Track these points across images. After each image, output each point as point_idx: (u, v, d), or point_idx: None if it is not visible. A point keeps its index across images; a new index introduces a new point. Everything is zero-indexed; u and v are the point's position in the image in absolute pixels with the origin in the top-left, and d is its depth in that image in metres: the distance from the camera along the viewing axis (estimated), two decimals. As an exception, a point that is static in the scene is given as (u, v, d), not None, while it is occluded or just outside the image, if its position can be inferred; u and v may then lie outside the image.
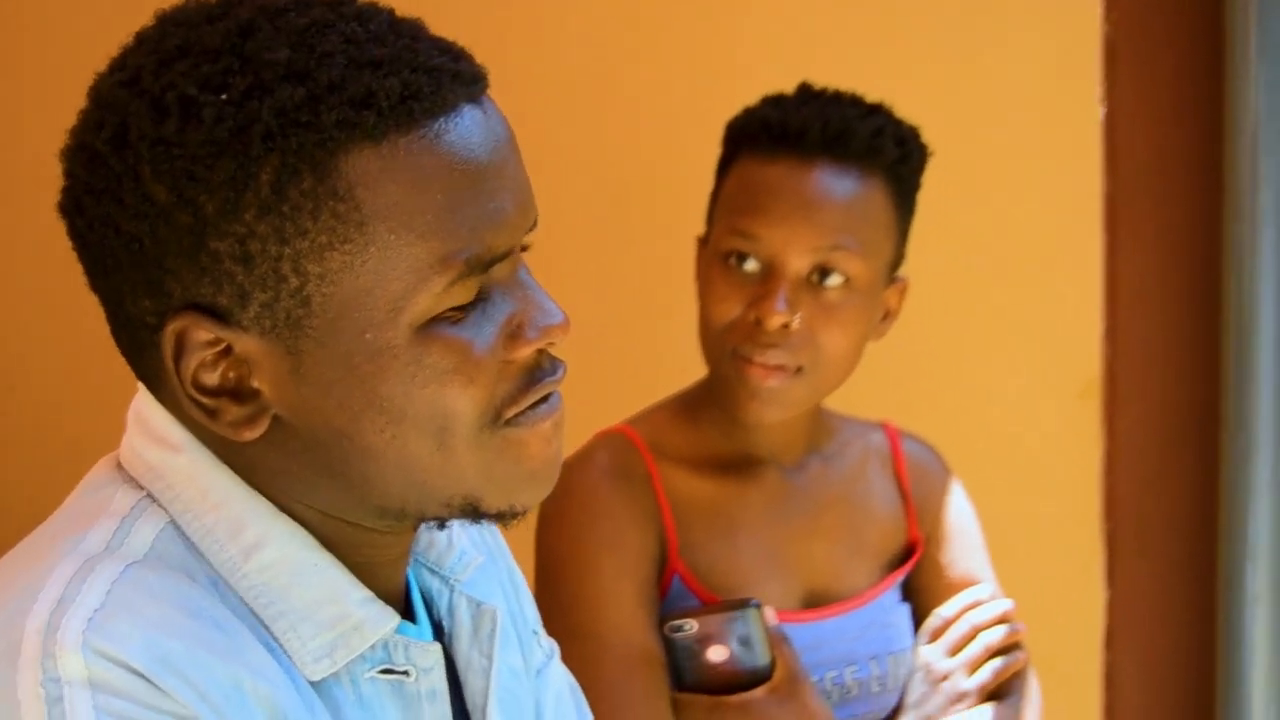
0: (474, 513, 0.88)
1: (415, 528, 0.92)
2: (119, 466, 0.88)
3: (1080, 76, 2.04)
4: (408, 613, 0.95)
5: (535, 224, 0.88)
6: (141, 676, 0.75)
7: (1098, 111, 2.04)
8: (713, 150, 1.50)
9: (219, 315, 0.81)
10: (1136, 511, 2.11)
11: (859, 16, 2.11)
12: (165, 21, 0.83)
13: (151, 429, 0.86)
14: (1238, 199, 1.92)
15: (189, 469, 0.85)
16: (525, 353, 0.85)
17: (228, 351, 0.82)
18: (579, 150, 2.20)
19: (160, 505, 0.85)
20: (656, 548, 1.41)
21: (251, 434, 0.83)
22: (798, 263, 1.37)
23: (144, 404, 0.88)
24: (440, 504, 0.87)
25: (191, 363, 0.81)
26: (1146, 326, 2.07)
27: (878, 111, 1.44)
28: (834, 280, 1.38)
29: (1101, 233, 2.06)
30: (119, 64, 0.83)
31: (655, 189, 2.16)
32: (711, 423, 1.46)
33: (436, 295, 0.81)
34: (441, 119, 0.81)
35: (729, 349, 1.39)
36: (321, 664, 0.84)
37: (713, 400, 1.44)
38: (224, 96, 0.78)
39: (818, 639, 1.43)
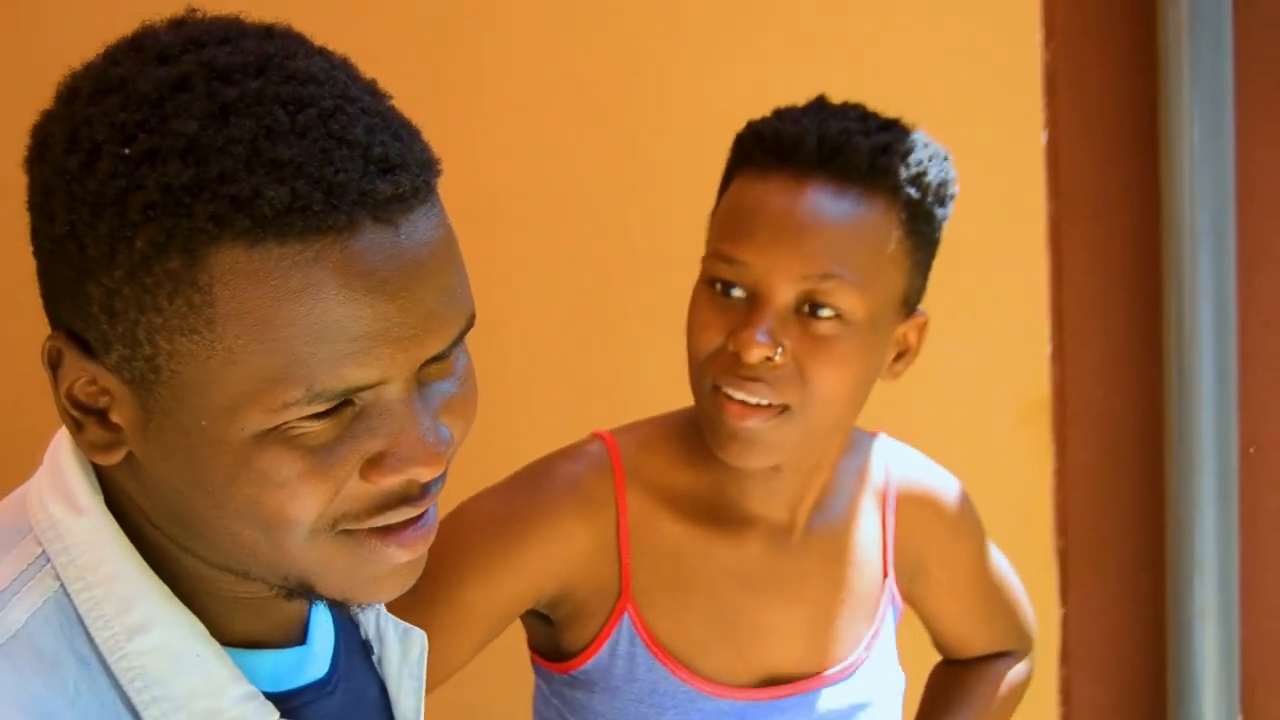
0: (314, 594, 0.86)
1: None
2: (24, 513, 0.86)
3: (1023, 103, 2.08)
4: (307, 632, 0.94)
5: (461, 334, 0.83)
6: None
7: (1040, 137, 2.08)
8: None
9: (89, 348, 0.80)
10: (1088, 529, 2.15)
11: (798, 47, 2.15)
12: (131, 43, 0.81)
13: (62, 483, 0.86)
14: (1175, 219, 1.96)
15: (88, 536, 0.84)
16: (382, 483, 0.81)
17: (93, 383, 0.81)
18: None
19: (54, 567, 0.83)
20: (550, 587, 1.30)
21: (107, 459, 0.82)
22: (784, 292, 1.22)
23: (62, 453, 0.87)
24: (278, 579, 0.85)
25: (67, 377, 0.81)
26: (1092, 345, 2.10)
27: (891, 128, 1.28)
28: (826, 313, 1.22)
29: (1047, 254, 2.10)
30: (81, 73, 0.82)
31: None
32: (701, 458, 1.32)
33: (272, 411, 0.77)
34: (330, 237, 0.76)
35: (709, 382, 1.25)
36: None
37: (699, 431, 1.30)
38: (126, 151, 0.76)
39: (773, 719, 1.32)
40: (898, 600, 1.44)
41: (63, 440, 0.87)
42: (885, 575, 1.42)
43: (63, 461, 0.86)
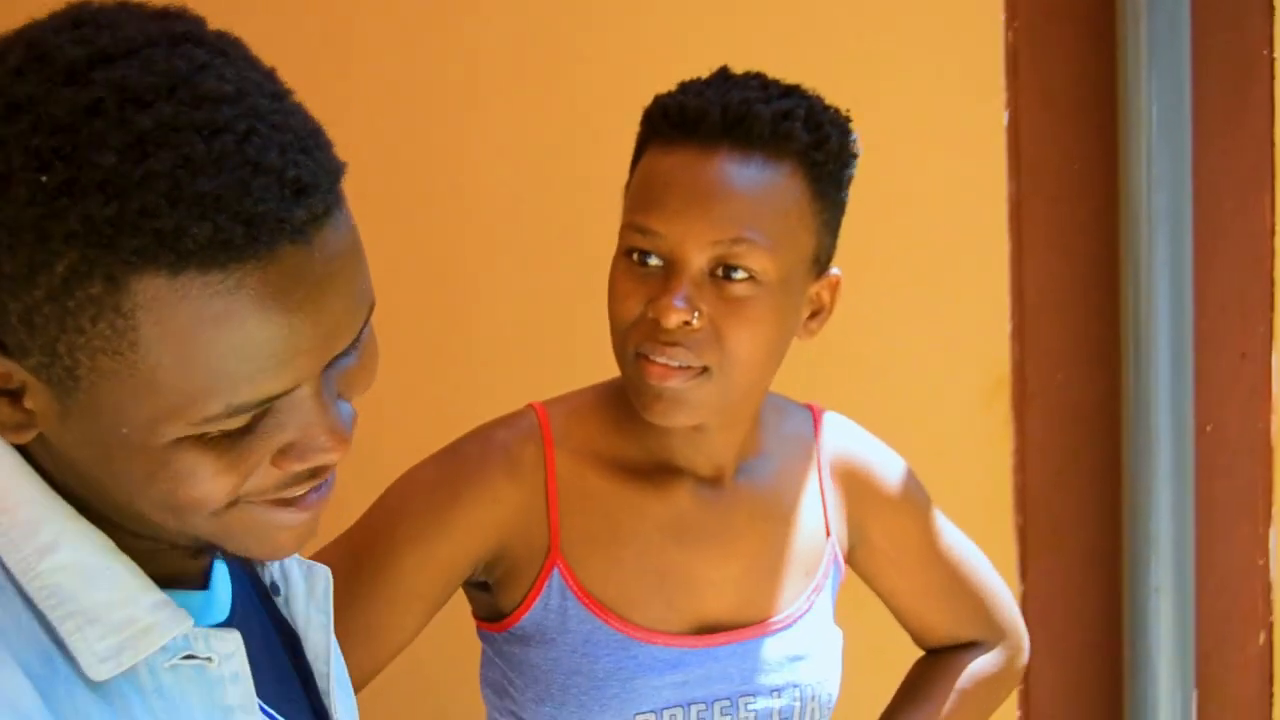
0: (220, 553, 0.92)
1: None
2: None
3: (984, 83, 2.09)
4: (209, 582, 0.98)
5: (364, 325, 0.86)
6: None
7: (1002, 117, 2.09)
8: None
9: (3, 346, 0.81)
10: (1046, 506, 2.17)
11: (765, 23, 2.16)
12: (31, 50, 0.80)
13: None
14: (1134, 201, 1.97)
15: None
16: (291, 469, 0.86)
17: (10, 374, 0.83)
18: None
19: None
20: (483, 550, 1.35)
21: (18, 439, 0.85)
22: (698, 258, 1.27)
23: None
24: (187, 541, 0.90)
25: None
26: (1051, 325, 2.12)
27: (790, 94, 1.32)
28: (739, 275, 1.27)
29: (1007, 234, 2.12)
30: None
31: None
32: (630, 422, 1.38)
33: (193, 424, 0.81)
34: (250, 265, 0.78)
35: (631, 349, 1.30)
36: (106, 665, 0.86)
37: (625, 393, 1.36)
38: (43, 179, 0.76)
39: (707, 667, 1.37)
40: (840, 562, 1.48)
41: None
42: (828, 535, 1.46)
43: None
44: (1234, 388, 2.08)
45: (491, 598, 1.40)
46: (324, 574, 1.06)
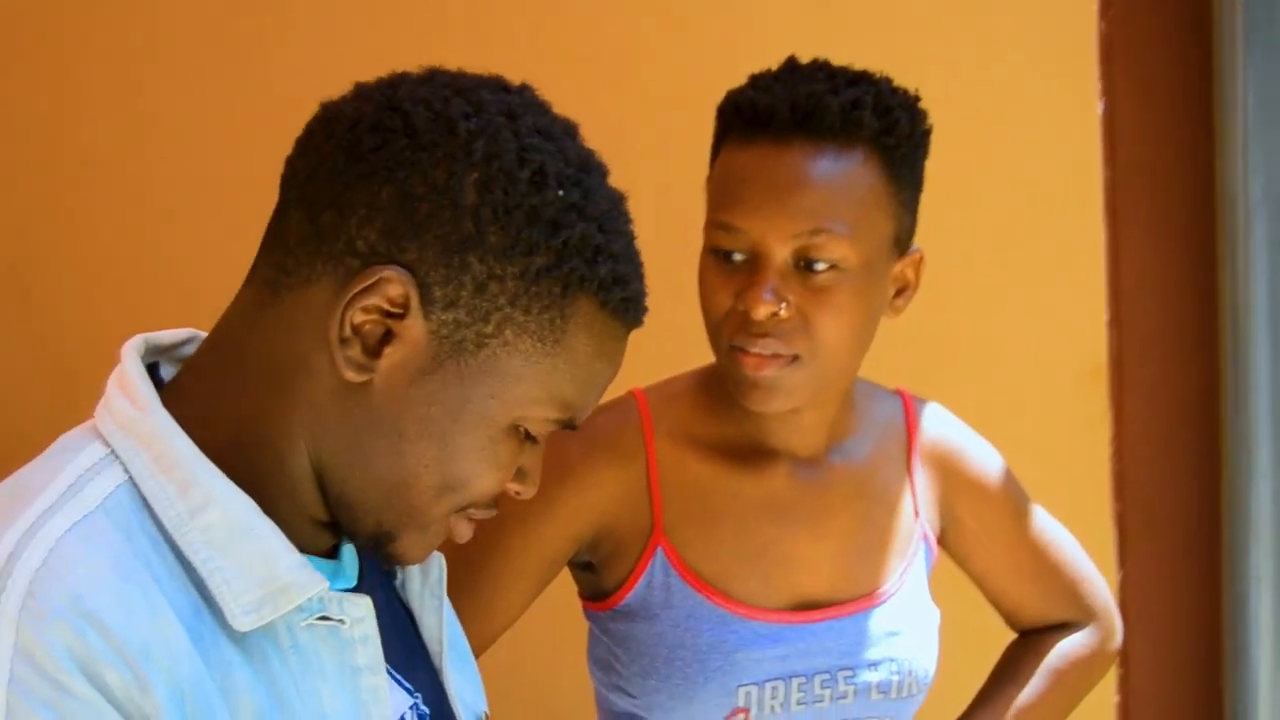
0: (378, 547, 1.01)
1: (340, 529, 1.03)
2: (92, 429, 0.97)
3: (1079, 73, 2.10)
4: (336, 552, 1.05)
5: None
6: (66, 648, 0.84)
7: (1097, 106, 2.10)
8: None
9: (423, 296, 0.94)
10: (1144, 494, 2.17)
11: (860, 14, 2.18)
12: (534, 120, 0.98)
13: (128, 385, 0.96)
14: (1231, 187, 1.97)
15: (151, 428, 0.94)
16: (510, 488, 1.02)
17: (393, 317, 0.94)
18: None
19: (120, 464, 0.94)
20: (587, 531, 1.41)
21: (353, 378, 0.94)
22: (780, 251, 1.31)
23: (128, 365, 0.98)
24: (373, 524, 0.99)
25: (367, 299, 0.93)
26: (1149, 312, 2.13)
27: (858, 82, 1.35)
28: (821, 265, 1.31)
29: (1103, 222, 2.13)
30: (522, 100, 0.99)
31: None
32: (726, 406, 1.42)
33: (541, 420, 0.99)
34: (627, 327, 1.01)
35: (725, 343, 1.35)
36: (249, 617, 0.93)
37: (723, 382, 1.40)
38: (563, 194, 0.96)
39: (807, 642, 1.41)
40: (931, 542, 1.52)
41: (128, 354, 0.98)
42: (917, 516, 1.50)
43: (129, 369, 0.97)
44: (1334, 374, 2.07)
45: (596, 577, 1.45)
46: (438, 560, 1.12)
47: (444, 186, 0.93)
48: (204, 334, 1.04)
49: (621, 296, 0.98)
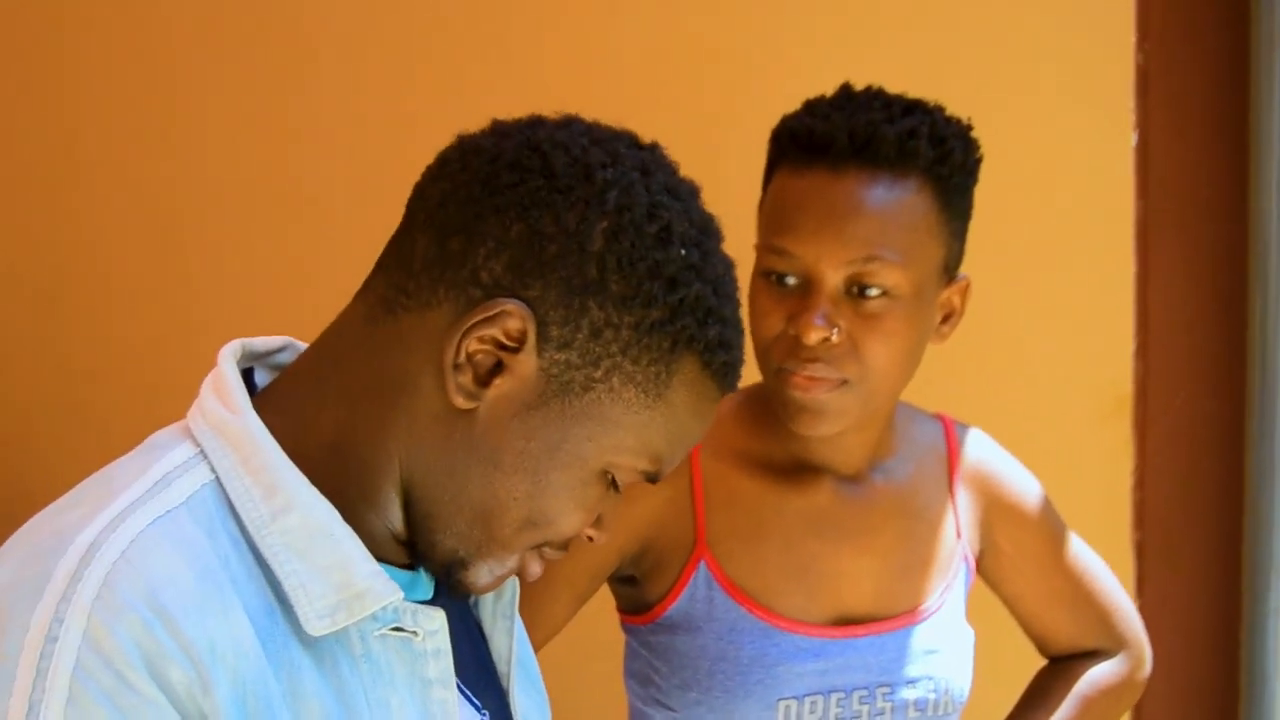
0: (449, 572, 1.01)
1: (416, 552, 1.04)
2: (184, 429, 0.99)
3: (1114, 104, 2.12)
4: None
5: None
6: (134, 644, 0.85)
7: (1130, 138, 2.11)
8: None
9: (540, 334, 0.95)
10: (1165, 523, 2.18)
11: (894, 43, 2.20)
12: (663, 183, 1.00)
13: (222, 388, 0.98)
14: (1263, 223, 1.99)
15: (241, 431, 0.95)
16: (585, 533, 1.03)
17: (506, 350, 0.95)
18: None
19: (208, 463, 0.95)
20: (630, 545, 1.41)
21: (461, 404, 0.96)
22: (833, 277, 1.33)
23: (224, 368, 0.99)
24: (450, 549, 1.00)
25: (485, 329, 0.95)
26: (1176, 345, 2.14)
27: (913, 111, 1.37)
28: (873, 292, 1.33)
29: (1134, 254, 2.14)
30: (654, 158, 1.01)
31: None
32: (770, 424, 1.43)
33: (630, 469, 1.00)
34: (723, 390, 1.02)
35: (774, 365, 1.36)
36: (323, 621, 0.94)
37: (770, 403, 1.41)
38: (684, 254, 0.98)
39: (847, 657, 1.42)
40: (971, 563, 1.53)
41: (225, 358, 1.00)
42: (959, 537, 1.51)
43: (225, 373, 0.98)
44: (1358, 412, 2.08)
45: (637, 590, 1.46)
46: (511, 583, 1.12)
47: (574, 230, 0.95)
48: (300, 343, 1.06)
49: (724, 360, 1.00)
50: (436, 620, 1.00)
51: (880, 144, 1.33)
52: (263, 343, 1.04)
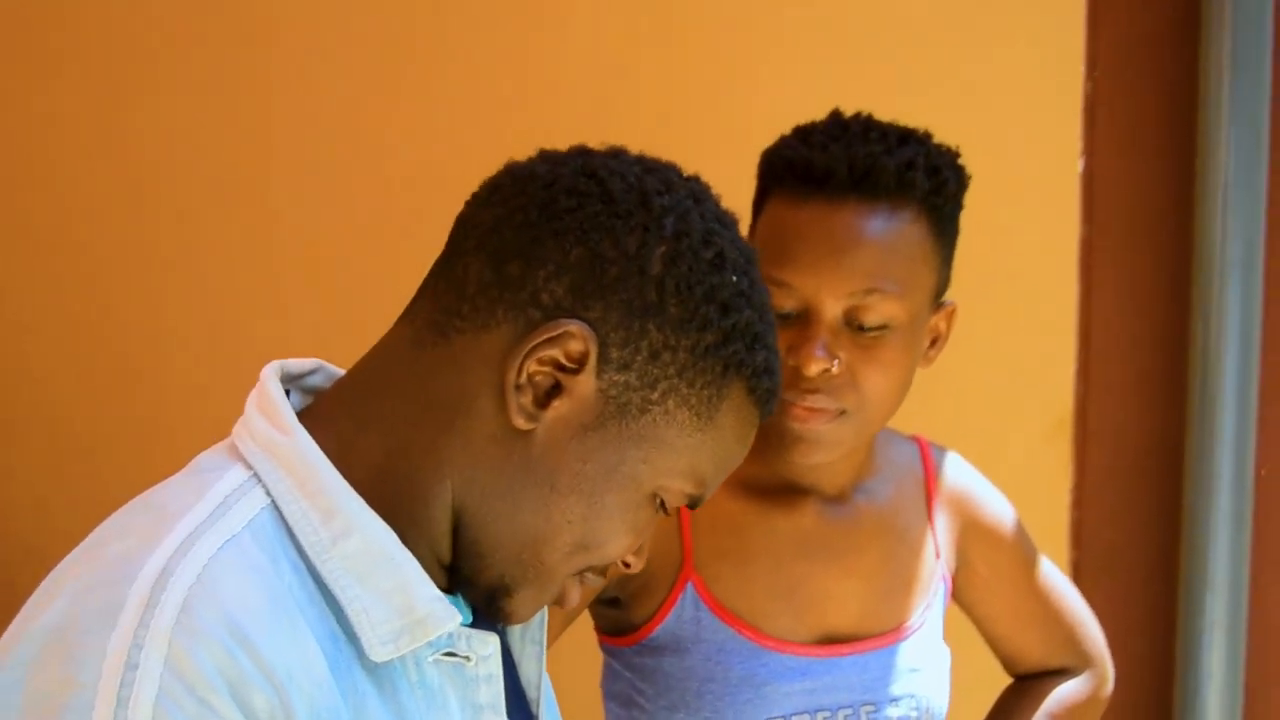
0: (492, 600, 1.01)
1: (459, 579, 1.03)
2: (231, 450, 0.97)
3: (1062, 131, 2.16)
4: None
5: None
6: (216, 667, 0.84)
7: (1077, 164, 2.16)
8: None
9: (600, 355, 0.96)
10: (1102, 542, 2.23)
11: (843, 68, 2.22)
12: (716, 205, 1.03)
13: (270, 409, 0.97)
14: (1208, 250, 2.04)
15: (296, 454, 0.94)
16: (624, 559, 1.03)
17: (565, 371, 0.95)
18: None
19: (263, 486, 0.94)
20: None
21: (522, 425, 0.95)
22: (833, 309, 1.32)
23: (271, 389, 0.98)
24: (496, 575, 0.99)
25: (546, 351, 0.95)
26: (1117, 366, 2.18)
27: (908, 142, 1.38)
28: (872, 322, 1.33)
29: (1077, 277, 2.18)
30: (700, 187, 1.03)
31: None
32: (756, 446, 1.38)
33: (678, 492, 1.01)
34: (762, 415, 1.04)
35: None
36: (386, 647, 0.93)
37: (762, 429, 1.42)
38: (735, 280, 0.99)
39: (833, 676, 1.43)
40: (948, 583, 1.55)
41: (270, 379, 0.98)
42: (938, 557, 1.53)
43: (273, 393, 0.97)
44: (1289, 433, 2.14)
45: (622, 612, 1.45)
46: (541, 612, 1.11)
47: (634, 254, 0.96)
48: (331, 365, 1.05)
49: (768, 386, 1.02)
50: (490, 645, 1.00)
51: (880, 175, 1.33)
52: (296, 364, 1.04)
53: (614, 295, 0.95)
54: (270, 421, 0.96)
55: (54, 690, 0.81)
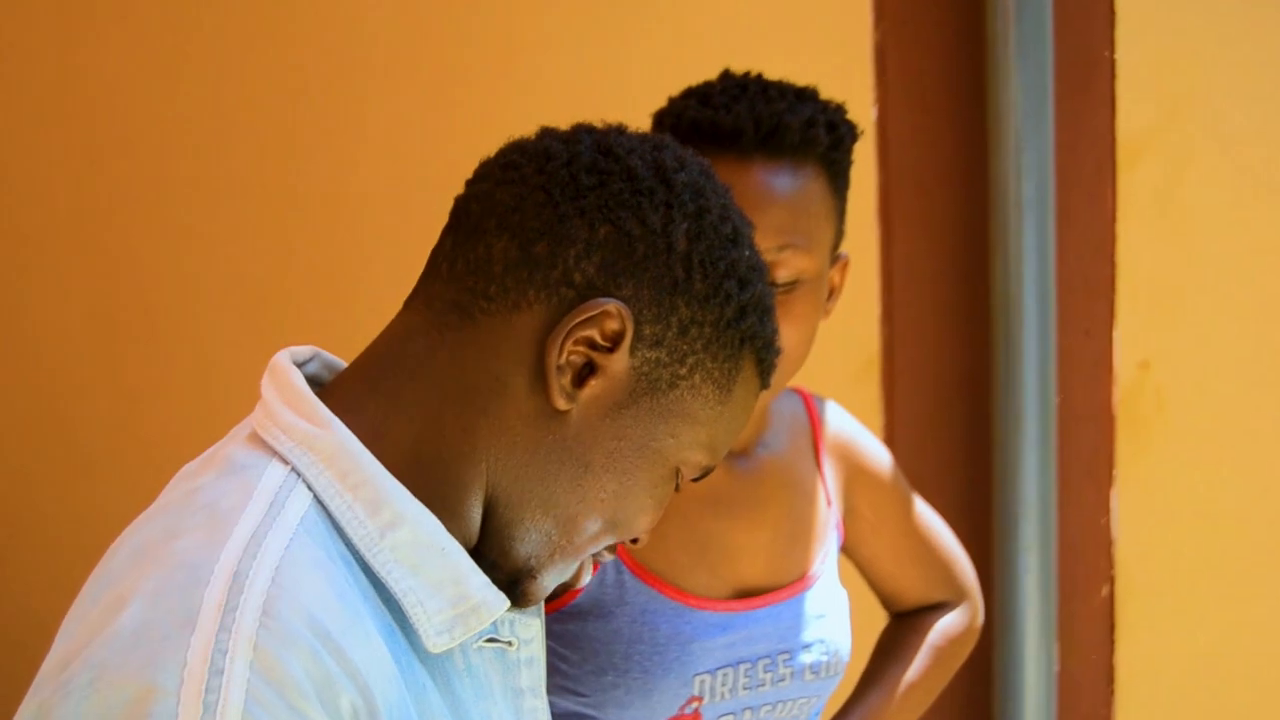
0: (515, 582, 0.99)
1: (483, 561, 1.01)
2: (256, 441, 0.93)
3: (854, 79, 2.21)
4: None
5: None
6: (301, 665, 0.81)
7: (870, 112, 2.22)
8: None
9: (635, 332, 0.96)
10: (914, 476, 2.30)
11: (649, 25, 2.23)
12: (727, 195, 1.05)
13: (296, 400, 0.93)
14: (1003, 189, 2.12)
15: (335, 446, 0.91)
16: (644, 529, 1.04)
17: (599, 350, 0.94)
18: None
19: (304, 481, 0.90)
20: None
21: (562, 406, 0.94)
22: None
23: (294, 380, 0.94)
24: (524, 557, 0.98)
25: (583, 331, 0.93)
26: (921, 307, 2.26)
27: (805, 99, 1.40)
28: (784, 278, 1.35)
29: (877, 222, 2.25)
30: (707, 166, 1.04)
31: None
32: None
33: (695, 465, 1.02)
34: (766, 384, 1.06)
35: None
36: (442, 638, 0.92)
37: None
38: (747, 253, 1.02)
39: (751, 629, 1.46)
40: (840, 528, 1.59)
41: (288, 372, 0.95)
42: (829, 504, 1.57)
43: (297, 385, 0.94)
44: (1079, 362, 2.26)
45: None
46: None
47: (660, 231, 0.96)
48: (326, 353, 1.02)
49: (772, 360, 1.04)
50: (533, 629, 1.00)
51: (785, 133, 1.35)
52: (297, 352, 1.01)
53: (644, 273, 0.95)
54: (299, 413, 0.92)
55: (135, 698, 0.78)
